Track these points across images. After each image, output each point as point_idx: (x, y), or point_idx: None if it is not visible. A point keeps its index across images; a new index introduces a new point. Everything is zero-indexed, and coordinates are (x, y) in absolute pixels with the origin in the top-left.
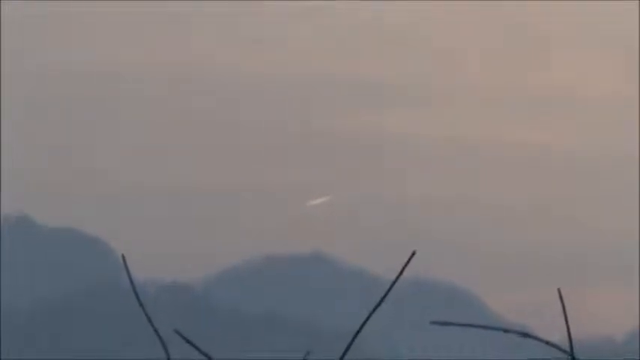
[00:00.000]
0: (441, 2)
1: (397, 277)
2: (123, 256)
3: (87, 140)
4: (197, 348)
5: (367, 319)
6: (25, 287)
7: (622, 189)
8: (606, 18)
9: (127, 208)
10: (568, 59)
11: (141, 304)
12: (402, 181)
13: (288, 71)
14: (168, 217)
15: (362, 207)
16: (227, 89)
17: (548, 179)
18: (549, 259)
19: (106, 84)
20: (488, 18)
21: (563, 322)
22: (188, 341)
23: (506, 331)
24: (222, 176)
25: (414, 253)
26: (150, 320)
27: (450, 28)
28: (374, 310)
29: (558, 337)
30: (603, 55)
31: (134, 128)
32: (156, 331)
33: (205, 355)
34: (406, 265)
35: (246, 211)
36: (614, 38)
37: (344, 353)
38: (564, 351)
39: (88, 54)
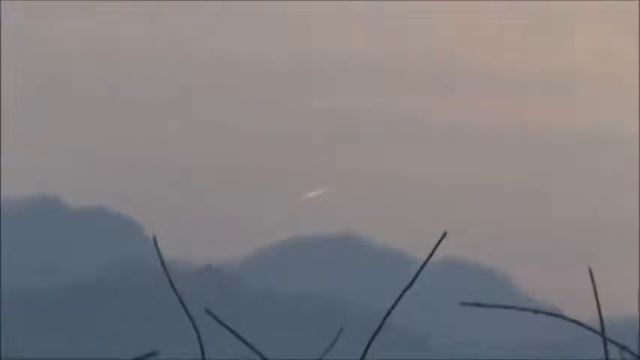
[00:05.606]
0: None
1: (428, 258)
2: (154, 238)
3: (119, 121)
4: (228, 328)
5: (398, 299)
6: (56, 267)
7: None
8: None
9: (160, 192)
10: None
11: (172, 285)
12: (430, 163)
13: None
14: (201, 200)
15: (391, 187)
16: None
17: (570, 161)
18: (579, 239)
19: (130, 65)
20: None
21: (594, 301)
22: (219, 321)
23: (536, 311)
24: (253, 160)
25: (445, 234)
26: (181, 301)
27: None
28: (405, 290)
29: (589, 316)
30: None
31: (162, 107)
32: (186, 310)
33: (235, 334)
34: (437, 245)
35: (276, 193)
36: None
37: (375, 333)
38: (595, 330)
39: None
